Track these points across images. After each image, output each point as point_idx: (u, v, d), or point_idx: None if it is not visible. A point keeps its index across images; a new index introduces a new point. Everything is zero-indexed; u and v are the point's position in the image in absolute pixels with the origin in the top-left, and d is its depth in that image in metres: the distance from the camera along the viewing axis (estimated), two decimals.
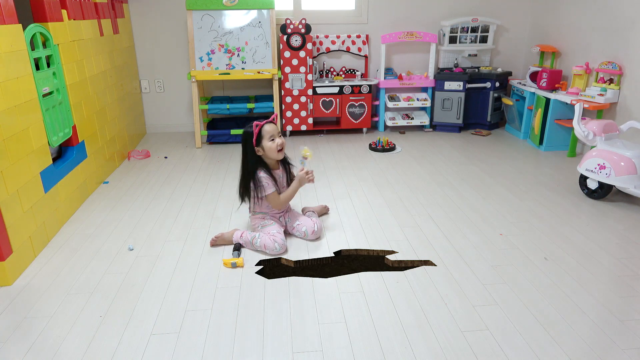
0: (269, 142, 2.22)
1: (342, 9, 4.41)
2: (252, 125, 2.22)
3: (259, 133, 2.20)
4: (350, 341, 1.62)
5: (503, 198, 2.84)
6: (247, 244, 2.25)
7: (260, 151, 2.24)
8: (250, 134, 2.22)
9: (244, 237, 2.26)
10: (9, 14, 2.08)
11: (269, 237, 2.20)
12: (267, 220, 2.33)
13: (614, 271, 2.04)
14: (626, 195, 2.83)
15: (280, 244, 2.18)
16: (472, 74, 4.28)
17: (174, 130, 4.55)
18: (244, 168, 2.30)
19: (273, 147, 2.22)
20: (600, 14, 3.50)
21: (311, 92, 4.16)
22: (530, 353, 1.56)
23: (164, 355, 1.57)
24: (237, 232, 2.29)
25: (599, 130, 2.80)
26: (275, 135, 2.23)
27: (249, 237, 2.25)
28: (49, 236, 2.36)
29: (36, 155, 2.26)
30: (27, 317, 1.78)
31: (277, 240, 2.18)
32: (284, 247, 2.20)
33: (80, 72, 2.89)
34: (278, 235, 2.21)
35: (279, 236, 2.20)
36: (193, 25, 3.94)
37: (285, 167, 2.37)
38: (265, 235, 2.22)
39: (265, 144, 2.22)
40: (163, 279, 2.02)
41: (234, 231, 2.31)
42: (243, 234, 2.27)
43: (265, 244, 2.18)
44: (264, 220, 2.33)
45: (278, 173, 2.33)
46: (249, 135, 2.22)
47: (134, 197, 2.92)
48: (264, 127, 2.21)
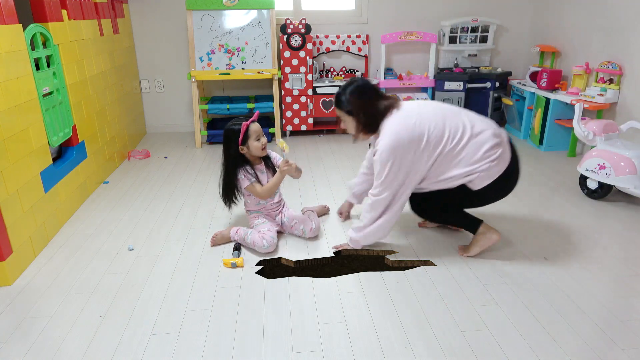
0: (255, 141, 2.22)
1: (342, 9, 4.41)
2: (235, 124, 2.21)
3: (246, 132, 2.20)
4: (350, 341, 1.62)
5: (503, 198, 2.84)
6: (241, 240, 2.28)
7: (245, 150, 2.24)
8: (234, 132, 2.21)
9: (239, 233, 2.29)
10: (9, 14, 2.08)
11: (258, 235, 2.21)
12: (261, 219, 2.34)
13: (614, 271, 2.04)
14: (626, 195, 2.83)
15: (268, 242, 2.18)
16: (472, 74, 4.28)
17: (174, 130, 4.55)
18: (227, 166, 2.29)
19: (259, 146, 2.23)
20: (600, 14, 3.50)
21: (311, 92, 4.16)
22: (530, 353, 1.56)
23: (164, 355, 1.57)
24: (234, 229, 2.31)
25: (599, 130, 2.80)
26: (260, 135, 2.24)
27: (242, 233, 2.27)
28: (49, 236, 2.36)
29: (36, 155, 2.26)
30: (27, 317, 1.78)
31: (265, 238, 2.19)
32: (272, 246, 2.20)
33: (80, 72, 2.89)
34: (267, 233, 2.22)
35: (268, 234, 2.21)
36: (193, 25, 3.94)
37: (267, 162, 2.36)
38: (255, 232, 2.24)
39: (251, 144, 2.22)
40: (163, 279, 2.02)
41: (231, 228, 2.33)
42: (239, 230, 2.30)
43: (254, 241, 2.20)
44: (257, 219, 2.35)
45: (260, 168, 2.33)
46: (233, 134, 2.21)
47: (134, 197, 2.92)
48: (250, 126, 2.20)
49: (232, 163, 2.27)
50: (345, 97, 2.07)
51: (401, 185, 2.02)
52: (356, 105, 2.05)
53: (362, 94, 2.06)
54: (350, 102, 2.05)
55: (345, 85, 2.09)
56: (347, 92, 2.07)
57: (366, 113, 2.05)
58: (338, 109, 2.12)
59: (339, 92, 2.10)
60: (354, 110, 2.06)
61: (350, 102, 2.05)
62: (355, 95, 2.06)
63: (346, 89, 2.07)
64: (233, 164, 2.27)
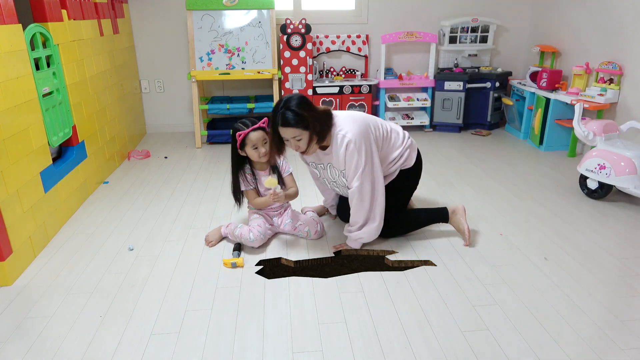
0: (252, 149, 2.20)
1: (342, 9, 4.41)
2: (239, 125, 2.20)
3: (243, 140, 2.18)
4: (350, 341, 1.62)
5: (503, 198, 2.84)
6: (230, 233, 2.29)
7: (244, 153, 2.25)
8: (235, 133, 2.20)
9: (229, 227, 2.31)
10: (9, 14, 2.08)
11: (247, 227, 2.24)
12: (256, 214, 2.36)
13: (614, 271, 2.04)
14: (626, 195, 2.83)
15: (255, 236, 2.20)
16: (472, 74, 4.28)
17: (174, 130, 4.55)
18: (231, 165, 2.31)
19: (255, 155, 2.21)
20: (600, 14, 3.49)
21: (311, 92, 4.16)
22: (530, 353, 1.56)
23: (164, 355, 1.57)
24: (224, 224, 2.36)
25: (599, 130, 2.80)
26: (259, 144, 2.18)
27: (232, 227, 2.29)
28: (49, 236, 2.36)
29: (36, 155, 2.26)
30: (27, 317, 1.78)
31: (252, 231, 2.21)
32: (258, 240, 2.21)
33: (80, 72, 2.89)
34: (256, 228, 2.23)
35: (256, 229, 2.23)
36: (193, 25, 3.94)
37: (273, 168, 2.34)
38: (245, 226, 2.27)
39: (248, 151, 2.21)
40: (163, 279, 2.02)
41: (221, 226, 2.37)
42: (229, 225, 2.32)
43: (242, 233, 2.22)
44: (254, 214, 2.37)
45: (264, 173, 2.33)
46: (235, 135, 2.21)
47: (134, 197, 2.92)
48: (249, 135, 2.16)
49: (234, 163, 2.28)
50: (295, 113, 1.96)
51: (377, 171, 2.11)
52: (309, 116, 1.97)
53: (307, 104, 2.01)
54: (302, 116, 1.96)
55: (284, 103, 1.98)
56: (292, 108, 1.96)
57: (319, 120, 2.01)
58: (292, 128, 1.97)
59: (283, 112, 1.97)
60: (310, 122, 1.97)
61: (303, 116, 1.96)
62: (302, 107, 1.97)
63: (289, 106, 1.96)
64: (235, 164, 2.28)
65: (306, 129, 1.98)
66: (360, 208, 2.13)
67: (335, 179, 2.24)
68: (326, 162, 2.21)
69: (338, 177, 2.21)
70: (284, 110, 1.97)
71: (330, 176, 2.27)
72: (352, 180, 2.08)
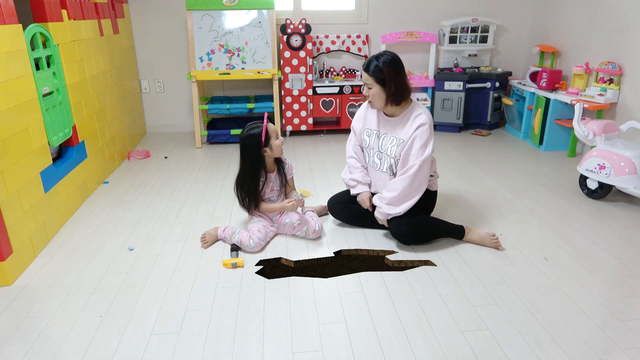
0: (276, 140, 2.25)
1: (342, 9, 4.41)
2: (252, 128, 2.21)
3: (267, 133, 2.21)
4: (350, 341, 1.63)
5: (503, 198, 2.84)
6: (227, 238, 2.28)
7: (268, 151, 2.25)
8: (255, 136, 2.20)
9: (226, 231, 2.30)
10: (9, 14, 2.08)
11: (247, 233, 2.23)
12: (257, 217, 2.35)
13: (614, 271, 2.04)
14: (626, 195, 2.83)
15: (255, 242, 2.19)
16: (472, 74, 4.28)
17: (174, 130, 4.55)
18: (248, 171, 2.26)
19: (279, 144, 2.26)
20: (600, 14, 3.50)
21: (311, 92, 4.16)
22: (530, 353, 1.56)
23: (164, 355, 1.57)
24: (221, 227, 2.34)
25: (599, 130, 2.80)
26: (278, 133, 2.30)
27: (230, 231, 2.28)
28: (49, 236, 2.36)
29: (36, 155, 2.26)
30: (27, 317, 1.78)
31: (252, 238, 2.20)
32: (258, 246, 2.21)
33: (80, 72, 2.89)
34: (256, 234, 2.23)
35: (256, 235, 2.22)
36: (193, 25, 3.94)
37: (279, 169, 2.37)
38: (244, 231, 2.26)
39: (273, 143, 2.24)
40: (163, 279, 2.02)
41: (218, 227, 2.35)
42: (226, 229, 2.31)
43: (241, 240, 2.21)
44: (254, 217, 2.36)
45: (271, 176, 2.34)
46: (254, 137, 2.20)
47: (134, 197, 2.92)
48: (269, 126, 2.23)
49: (256, 168, 2.25)
50: (379, 64, 2.12)
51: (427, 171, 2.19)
52: (389, 75, 2.12)
53: (396, 66, 2.14)
54: (382, 70, 2.12)
55: (379, 54, 2.16)
56: (380, 61, 2.13)
57: (397, 84, 2.14)
58: (368, 74, 2.16)
59: (372, 59, 2.15)
60: (386, 79, 2.12)
61: (383, 71, 2.12)
62: (388, 65, 2.12)
63: (380, 58, 2.14)
64: (257, 169, 2.25)
65: (379, 82, 2.14)
66: (403, 189, 2.15)
67: (385, 149, 2.27)
68: (385, 130, 2.27)
69: (390, 146, 2.24)
70: (373, 59, 2.15)
71: (381, 146, 2.29)
72: (414, 158, 2.13)
